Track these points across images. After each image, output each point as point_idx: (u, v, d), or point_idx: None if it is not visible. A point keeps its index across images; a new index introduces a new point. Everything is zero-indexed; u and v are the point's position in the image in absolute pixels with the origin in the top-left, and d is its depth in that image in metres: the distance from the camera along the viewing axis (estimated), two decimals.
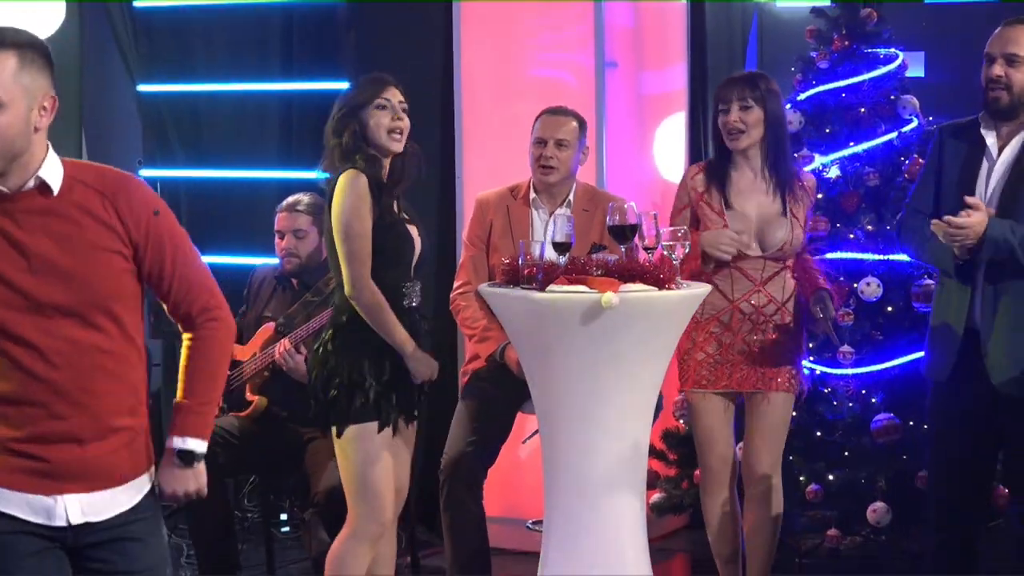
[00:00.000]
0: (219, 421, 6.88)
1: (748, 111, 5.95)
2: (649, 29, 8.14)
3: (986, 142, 5.57)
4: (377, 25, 8.38)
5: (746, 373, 6.03)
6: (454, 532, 6.21)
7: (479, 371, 6.32)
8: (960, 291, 5.51)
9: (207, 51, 9.00)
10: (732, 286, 5.99)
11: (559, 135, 6.28)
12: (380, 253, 5.44)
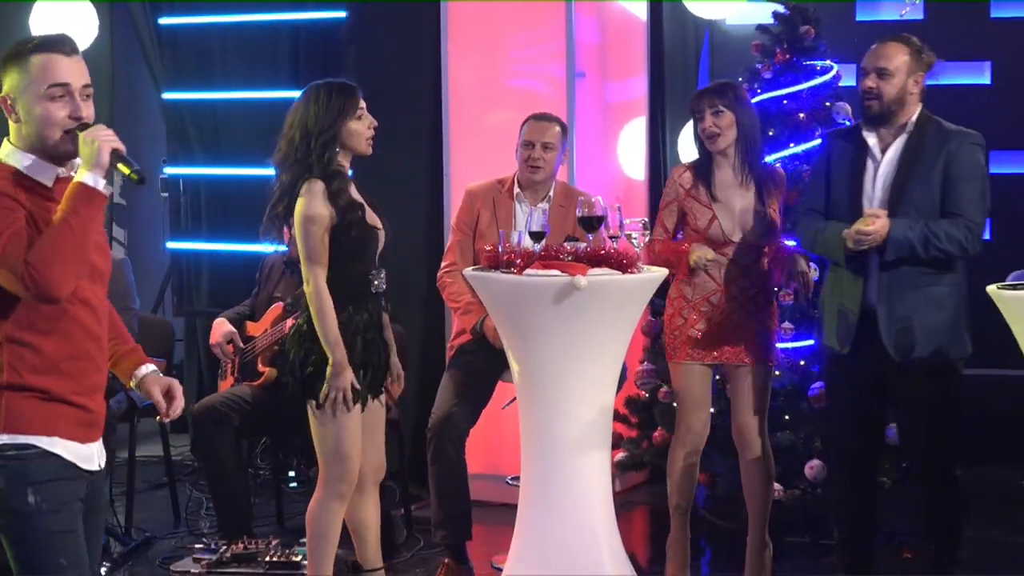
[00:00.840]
0: (234, 389, 6.90)
1: (720, 116, 5.92)
2: (613, 44, 8.14)
3: (868, 144, 5.61)
4: (375, 40, 8.37)
5: (731, 348, 6.01)
6: (439, 482, 6.23)
7: (464, 344, 6.34)
8: (853, 277, 5.56)
9: (224, 63, 8.97)
10: (720, 271, 6.00)
11: (545, 139, 6.30)
12: (346, 249, 5.37)
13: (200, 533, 7.15)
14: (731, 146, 5.97)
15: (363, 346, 5.46)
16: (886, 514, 6.40)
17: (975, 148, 5.52)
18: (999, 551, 6.62)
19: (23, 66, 3.79)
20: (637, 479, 7.85)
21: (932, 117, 5.59)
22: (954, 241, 5.39)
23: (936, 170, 5.48)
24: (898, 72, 5.51)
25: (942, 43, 5.74)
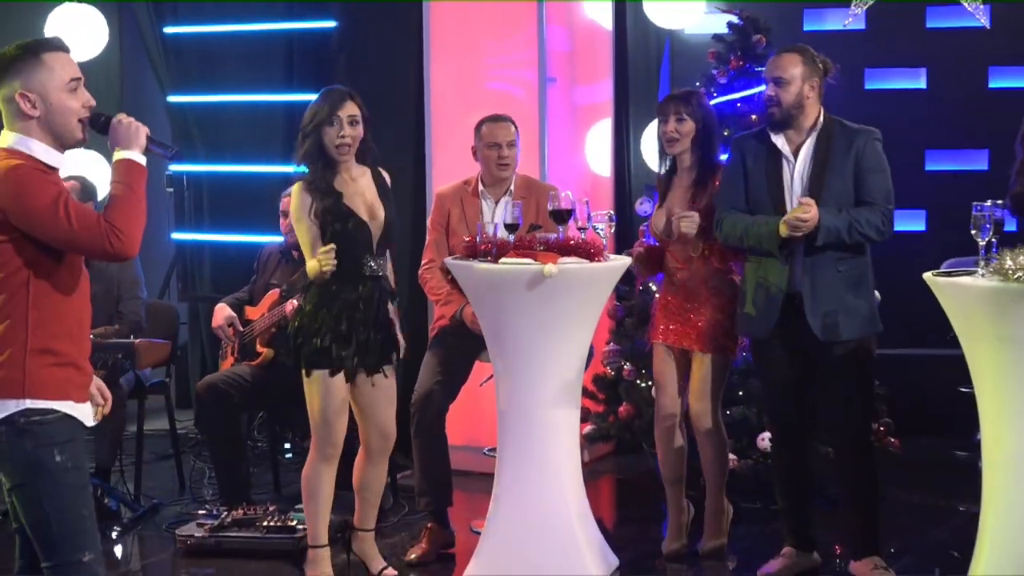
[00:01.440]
0: (234, 368, 6.91)
1: (682, 122, 5.94)
2: (582, 51, 8.13)
3: (778, 146, 5.64)
4: (362, 48, 8.36)
5: (685, 334, 6.02)
6: (422, 453, 6.22)
7: (444, 328, 6.33)
8: (777, 265, 5.57)
9: (224, 68, 8.96)
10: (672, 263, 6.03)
11: (509, 138, 6.30)
12: (334, 241, 5.49)
13: (203, 500, 7.13)
14: (687, 151, 5.99)
15: (348, 324, 5.56)
16: (830, 481, 6.41)
17: (877, 143, 5.58)
18: (940, 515, 6.65)
19: (38, 64, 3.80)
20: (604, 450, 7.86)
21: (834, 118, 5.65)
22: (872, 226, 5.44)
23: (848, 164, 5.53)
24: (793, 80, 5.54)
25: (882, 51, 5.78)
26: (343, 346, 5.57)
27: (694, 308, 5.98)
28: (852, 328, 5.51)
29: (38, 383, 3.75)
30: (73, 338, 3.85)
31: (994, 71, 7.88)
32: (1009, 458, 4.80)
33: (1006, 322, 4.65)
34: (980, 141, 7.79)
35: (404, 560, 6.15)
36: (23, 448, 3.72)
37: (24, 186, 3.69)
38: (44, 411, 3.75)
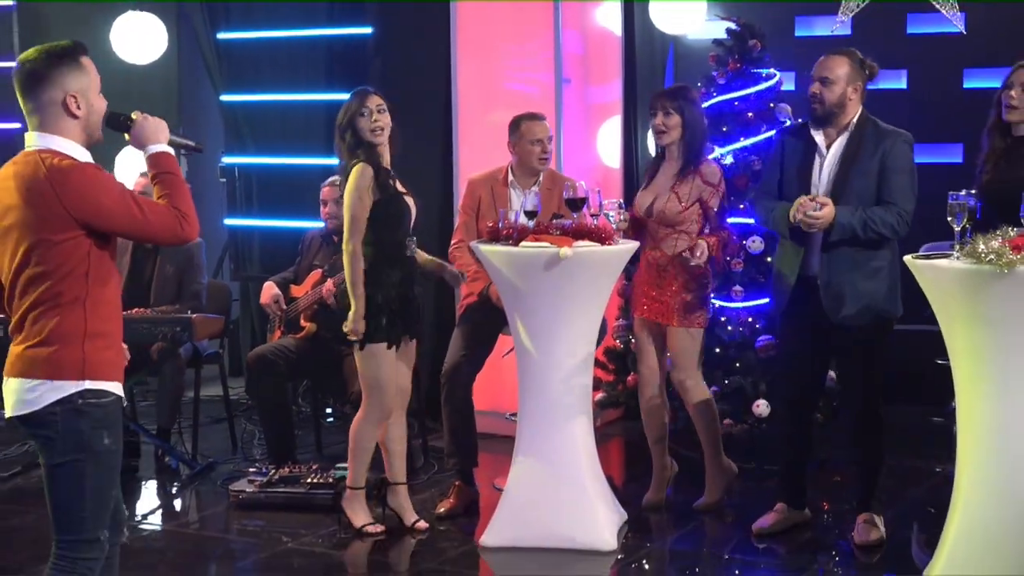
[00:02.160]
0: (281, 341, 6.93)
1: (669, 116, 5.96)
2: (594, 55, 8.11)
3: (816, 141, 5.60)
4: (396, 52, 8.36)
5: (657, 309, 6.04)
6: (451, 418, 6.23)
7: (471, 304, 6.33)
8: (795, 249, 5.57)
9: (271, 71, 8.96)
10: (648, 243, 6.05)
11: (549, 134, 6.31)
12: (383, 220, 5.63)
13: (253, 459, 7.17)
14: (675, 143, 6.00)
15: (398, 303, 5.72)
16: (820, 445, 6.42)
17: (906, 146, 5.50)
18: (918, 476, 6.65)
19: (80, 67, 3.71)
20: (613, 415, 7.85)
21: (870, 118, 5.57)
22: (887, 225, 5.37)
23: (873, 164, 5.46)
24: (839, 81, 5.48)
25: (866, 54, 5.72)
26: (394, 323, 5.72)
27: (665, 285, 6.01)
28: (863, 313, 5.47)
29: (95, 364, 3.68)
30: (115, 321, 3.80)
31: (969, 72, 7.85)
32: (981, 424, 4.80)
33: (979, 301, 4.64)
34: (955, 136, 7.77)
35: (434, 513, 6.17)
36: (78, 429, 3.63)
37: (93, 186, 3.63)
38: (100, 393, 3.68)
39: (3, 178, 3.67)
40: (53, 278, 3.62)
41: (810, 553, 5.66)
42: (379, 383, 5.73)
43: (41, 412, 3.62)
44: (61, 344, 3.63)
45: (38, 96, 3.66)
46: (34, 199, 3.58)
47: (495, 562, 5.64)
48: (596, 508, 5.69)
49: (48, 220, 3.58)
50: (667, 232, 5.98)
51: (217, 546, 5.97)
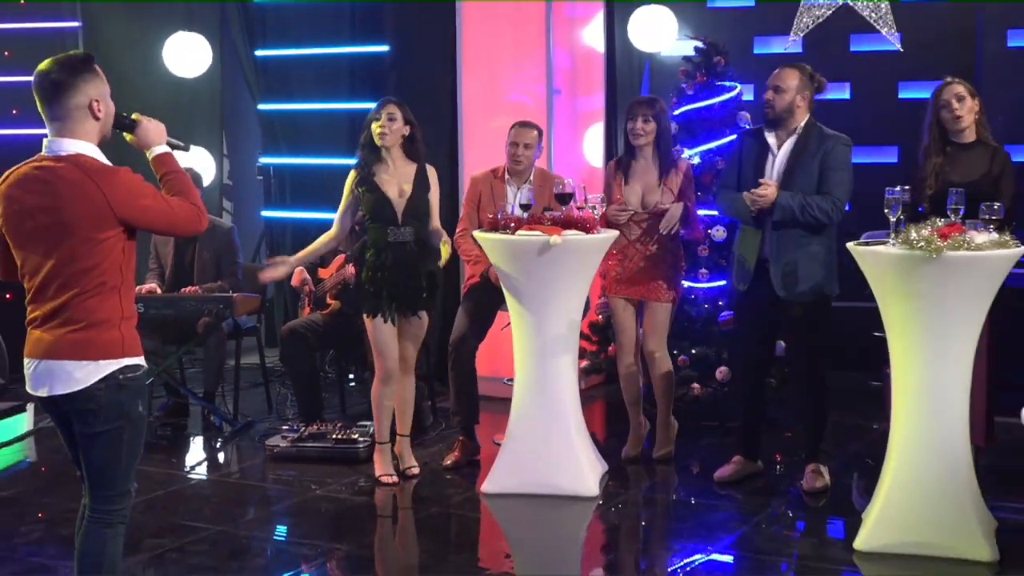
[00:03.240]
0: (310, 316, 6.93)
1: (647, 122, 6.02)
2: (580, 69, 8.09)
3: (769, 142, 5.62)
4: (409, 67, 8.34)
5: (637, 287, 6.09)
6: (456, 382, 6.24)
7: (474, 285, 6.33)
8: (754, 234, 5.59)
9: (301, 83, 8.92)
10: (629, 231, 6.05)
11: (526, 140, 6.27)
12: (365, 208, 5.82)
13: (286, 418, 7.15)
14: (649, 145, 6.03)
15: (385, 282, 5.77)
16: (773, 406, 6.43)
17: (844, 148, 5.54)
18: (857, 432, 6.66)
19: (97, 75, 3.63)
20: (596, 380, 7.85)
21: (816, 124, 5.60)
22: (823, 211, 5.41)
23: (816, 162, 5.49)
24: (789, 90, 5.51)
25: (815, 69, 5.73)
26: (380, 298, 5.76)
27: (645, 268, 6.07)
28: (807, 289, 5.50)
29: (130, 342, 3.63)
30: (134, 304, 3.73)
31: (903, 85, 7.83)
32: (912, 387, 4.81)
33: (911, 281, 4.66)
34: (891, 140, 7.76)
35: (441, 464, 6.17)
36: (119, 400, 3.58)
37: (136, 188, 3.57)
38: (136, 367, 3.63)
39: (29, 180, 3.56)
40: (96, 271, 3.54)
41: (764, 498, 5.66)
42: (377, 347, 5.83)
43: (89, 388, 3.55)
44: (103, 328, 3.57)
45: (64, 103, 3.55)
46: (79, 200, 3.49)
47: (494, 506, 5.64)
48: (581, 460, 5.70)
49: (93, 219, 3.49)
50: (655, 222, 6.03)
51: (255, 493, 5.98)
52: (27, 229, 3.54)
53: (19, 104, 8.57)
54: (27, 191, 3.52)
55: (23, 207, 3.53)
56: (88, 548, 3.69)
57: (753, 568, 4.87)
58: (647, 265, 6.07)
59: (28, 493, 5.92)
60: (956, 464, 4.78)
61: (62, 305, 3.53)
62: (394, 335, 5.81)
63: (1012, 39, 7.67)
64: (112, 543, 3.69)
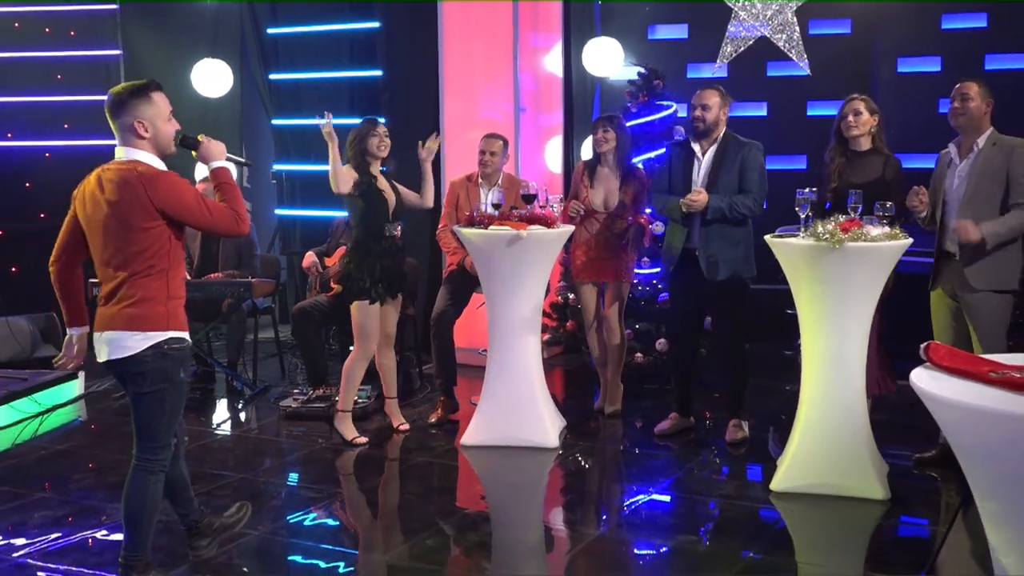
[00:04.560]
0: (316, 298, 6.88)
1: (607, 133, 6.04)
2: (542, 90, 8.08)
3: (695, 150, 5.63)
4: (399, 89, 8.30)
5: (601, 271, 6.09)
6: (438, 351, 6.21)
7: (453, 271, 6.30)
8: (680, 228, 5.61)
9: (308, 102, 8.87)
10: (593, 226, 6.05)
11: (492, 149, 6.24)
12: (363, 208, 5.70)
13: (297, 383, 7.12)
14: (611, 152, 6.02)
15: (380, 267, 5.70)
16: (703, 371, 6.44)
17: (758, 152, 5.56)
18: (773, 393, 6.69)
19: (148, 100, 3.68)
20: (556, 351, 7.85)
21: (733, 134, 5.61)
22: (747, 207, 5.45)
23: (735, 165, 5.51)
24: (713, 107, 5.53)
25: (739, 90, 5.79)
26: (375, 284, 5.69)
27: (604, 256, 6.08)
28: (728, 273, 5.52)
29: (175, 318, 3.70)
30: (183, 287, 3.80)
31: (811, 104, 7.86)
32: (818, 355, 4.84)
33: (818, 268, 4.68)
34: (801, 150, 7.79)
35: (426, 421, 6.17)
36: (163, 367, 3.65)
37: (175, 189, 3.63)
38: (179, 339, 3.71)
39: (97, 182, 3.68)
40: (146, 255, 3.62)
41: (695, 448, 5.68)
42: (365, 331, 5.71)
43: (138, 355, 3.62)
44: (152, 304, 3.64)
45: (117, 119, 3.67)
46: (128, 196, 3.58)
47: (471, 456, 5.63)
48: (544, 417, 5.70)
49: (140, 211, 3.58)
50: (613, 219, 6.04)
51: (271, 446, 5.96)
52: (97, 219, 3.66)
53: (69, 119, 8.50)
54: (99, 189, 3.65)
55: (95, 202, 3.65)
56: (132, 491, 3.74)
57: (687, 506, 4.88)
58: (607, 254, 6.07)
59: (80, 447, 5.89)
60: (854, 418, 4.81)
61: (119, 284, 3.65)
62: (378, 318, 5.76)
63: (901, 66, 7.73)
64: (153, 488, 3.75)
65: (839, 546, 4.41)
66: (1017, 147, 4.86)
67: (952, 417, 2.02)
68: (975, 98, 4.92)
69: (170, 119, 3.74)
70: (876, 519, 4.61)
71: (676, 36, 8.31)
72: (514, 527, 4.82)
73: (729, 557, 4.19)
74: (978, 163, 4.91)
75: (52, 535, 4.50)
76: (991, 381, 2.09)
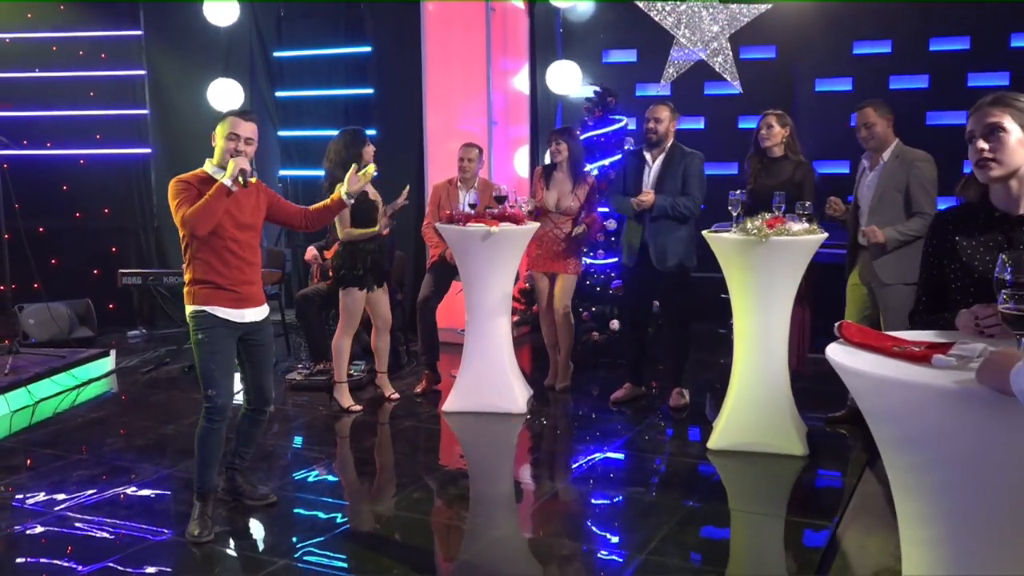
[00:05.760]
0: (317, 285, 6.83)
1: (560, 145, 6.01)
2: (512, 106, 8.07)
3: (646, 158, 5.63)
4: (388, 105, 8.25)
5: (552, 264, 6.08)
6: (423, 331, 6.20)
7: (435, 262, 6.28)
8: (636, 226, 5.60)
9: (309, 116, 8.84)
10: (550, 224, 6.03)
11: (469, 156, 6.22)
12: (358, 212, 5.63)
13: (300, 359, 7.08)
14: (564, 161, 6.01)
15: (371, 261, 5.69)
16: (651, 347, 6.46)
17: (699, 161, 5.58)
18: (710, 365, 6.72)
19: (222, 122, 4.02)
20: (524, 331, 7.86)
21: (678, 143, 5.63)
22: (687, 207, 5.47)
23: (679, 171, 5.52)
24: (664, 120, 5.54)
25: (680, 106, 5.77)
26: (366, 275, 5.68)
27: (555, 251, 6.06)
28: (674, 263, 5.53)
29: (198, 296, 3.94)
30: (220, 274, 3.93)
31: (742, 118, 7.88)
32: (748, 332, 4.87)
33: (747, 258, 4.70)
34: (733, 158, 7.78)
35: (413, 392, 6.16)
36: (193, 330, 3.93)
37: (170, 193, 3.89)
38: (199, 312, 3.93)
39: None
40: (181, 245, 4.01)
41: (644, 413, 5.71)
42: (350, 311, 5.71)
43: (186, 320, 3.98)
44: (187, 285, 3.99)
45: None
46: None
47: (451, 421, 5.63)
48: (514, 387, 5.70)
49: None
50: (565, 219, 6.02)
51: (278, 413, 5.92)
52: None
53: (101, 131, 8.41)
54: None
55: None
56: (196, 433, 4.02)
57: (636, 462, 4.91)
58: (559, 249, 6.06)
59: (112, 415, 5.84)
60: (778, 386, 4.85)
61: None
62: (363, 302, 5.74)
63: (819, 86, 7.76)
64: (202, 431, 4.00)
65: (766, 495, 4.46)
66: (917, 161, 4.92)
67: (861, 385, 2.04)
68: (876, 122, 4.98)
69: (230, 139, 3.95)
70: (797, 472, 4.66)
71: (627, 59, 8.31)
72: (489, 481, 4.83)
73: (672, 505, 4.22)
74: (883, 175, 4.97)
75: (88, 491, 4.47)
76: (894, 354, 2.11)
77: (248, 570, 3.65)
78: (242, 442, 4.30)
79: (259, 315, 4.06)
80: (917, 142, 5.07)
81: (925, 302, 2.54)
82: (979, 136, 2.38)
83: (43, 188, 8.26)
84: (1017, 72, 7.00)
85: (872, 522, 3.98)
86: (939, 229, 2.52)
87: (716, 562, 3.70)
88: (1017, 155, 2.36)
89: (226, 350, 3.97)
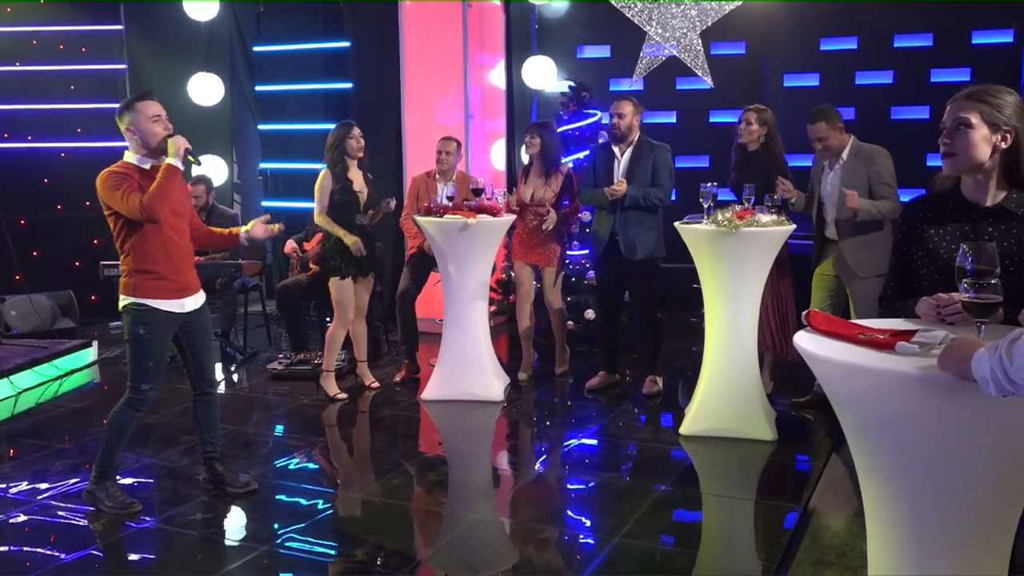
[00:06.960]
0: (297, 277, 6.81)
1: (534, 138, 5.99)
2: (488, 101, 8.06)
3: (615, 152, 5.64)
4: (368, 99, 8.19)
5: (532, 256, 6.06)
6: (402, 321, 6.18)
7: (414, 254, 6.27)
8: (607, 216, 5.60)
9: (290, 110, 8.79)
10: (528, 217, 6.03)
11: (447, 149, 6.21)
12: (340, 203, 5.62)
13: (281, 349, 7.06)
14: (538, 155, 6.00)
15: (350, 255, 5.66)
16: (624, 336, 6.48)
17: (667, 152, 5.58)
18: (682, 353, 6.75)
19: (134, 110, 3.87)
20: (501, 320, 7.86)
21: (646, 137, 5.63)
22: (657, 198, 5.48)
23: (648, 163, 5.53)
24: (627, 115, 5.54)
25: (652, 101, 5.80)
26: (349, 264, 5.66)
27: (538, 242, 6.03)
28: (643, 253, 5.54)
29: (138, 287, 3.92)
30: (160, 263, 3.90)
31: (713, 112, 7.93)
32: (718, 321, 4.89)
33: (718, 248, 4.72)
34: (705, 151, 7.86)
35: (393, 380, 6.14)
36: (128, 322, 3.92)
37: (104, 183, 3.83)
38: (139, 304, 3.91)
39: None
40: (116, 238, 3.94)
41: (618, 400, 5.73)
42: (342, 303, 5.68)
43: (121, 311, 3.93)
44: (125, 275, 3.96)
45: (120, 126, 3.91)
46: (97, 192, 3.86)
47: (430, 409, 5.62)
48: (491, 375, 5.70)
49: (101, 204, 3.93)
50: (543, 210, 5.98)
51: (260, 402, 5.91)
52: None
53: (82, 124, 8.32)
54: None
55: None
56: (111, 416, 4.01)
57: (611, 448, 4.92)
58: (541, 240, 6.04)
59: (94, 405, 5.79)
60: (748, 373, 4.88)
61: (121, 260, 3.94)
62: (353, 291, 5.72)
63: (787, 81, 7.81)
64: (124, 416, 3.99)
65: (736, 479, 4.48)
66: (875, 155, 4.99)
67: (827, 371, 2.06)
68: (829, 135, 5.05)
69: (155, 122, 3.85)
70: (766, 456, 4.69)
71: (600, 55, 8.32)
72: (467, 468, 4.83)
73: (645, 489, 4.23)
74: (845, 173, 5.03)
75: (71, 480, 4.44)
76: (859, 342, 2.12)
77: (230, 557, 3.63)
78: (205, 428, 4.25)
79: (198, 303, 4.06)
80: (881, 136, 5.12)
81: (894, 286, 2.56)
82: (946, 129, 2.41)
83: (25, 181, 8.17)
84: (978, 68, 7.06)
85: (839, 504, 4.02)
86: (910, 216, 2.55)
87: (688, 544, 3.72)
88: (979, 150, 2.38)
89: (165, 345, 3.97)
